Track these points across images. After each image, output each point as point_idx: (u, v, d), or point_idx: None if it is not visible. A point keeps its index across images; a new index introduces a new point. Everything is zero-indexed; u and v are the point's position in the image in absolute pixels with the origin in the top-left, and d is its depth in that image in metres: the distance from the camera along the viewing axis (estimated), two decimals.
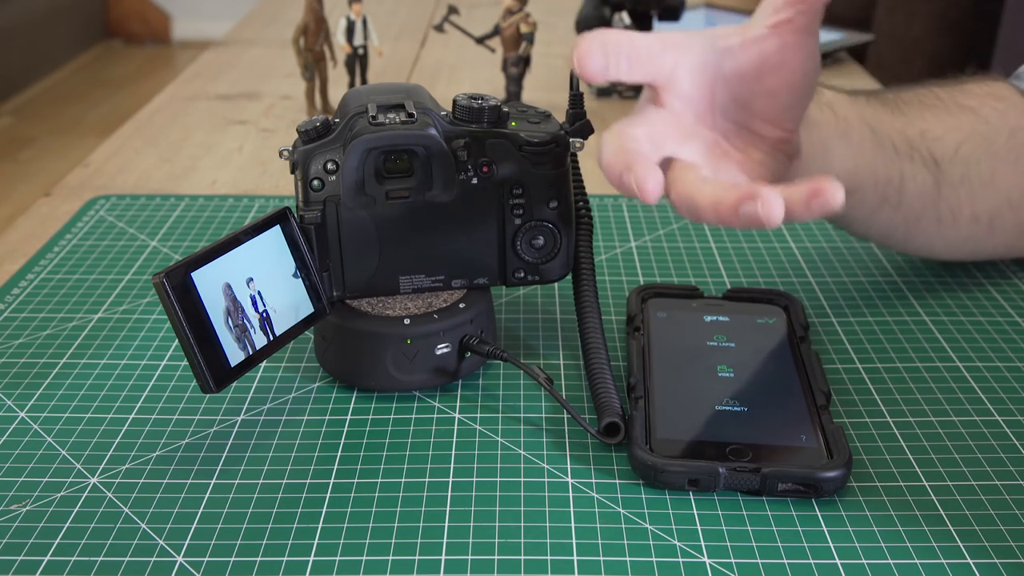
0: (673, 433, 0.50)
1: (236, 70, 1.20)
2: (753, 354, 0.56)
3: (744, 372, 0.55)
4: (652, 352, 0.56)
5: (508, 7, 0.97)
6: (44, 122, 3.18)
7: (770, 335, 0.59)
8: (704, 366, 0.55)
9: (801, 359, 0.56)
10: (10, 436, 0.52)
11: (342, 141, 0.53)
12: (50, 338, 0.61)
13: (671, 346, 0.57)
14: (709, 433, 0.50)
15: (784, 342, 0.58)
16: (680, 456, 0.48)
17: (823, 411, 0.51)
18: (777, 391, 0.54)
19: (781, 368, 0.55)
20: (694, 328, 0.59)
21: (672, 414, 0.51)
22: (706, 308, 0.61)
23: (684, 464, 0.48)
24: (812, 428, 0.50)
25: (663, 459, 0.48)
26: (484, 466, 0.50)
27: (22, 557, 0.44)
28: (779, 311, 0.61)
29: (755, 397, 0.53)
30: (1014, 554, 0.44)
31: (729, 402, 0.52)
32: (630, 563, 0.44)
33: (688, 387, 0.54)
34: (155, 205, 0.80)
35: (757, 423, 0.51)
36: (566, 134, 0.56)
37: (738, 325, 0.59)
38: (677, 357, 0.56)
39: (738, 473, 0.47)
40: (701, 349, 0.57)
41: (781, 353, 0.57)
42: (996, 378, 0.57)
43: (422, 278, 0.56)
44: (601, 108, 1.04)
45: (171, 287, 0.46)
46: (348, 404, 0.55)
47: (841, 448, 0.48)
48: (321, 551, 0.44)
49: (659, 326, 0.59)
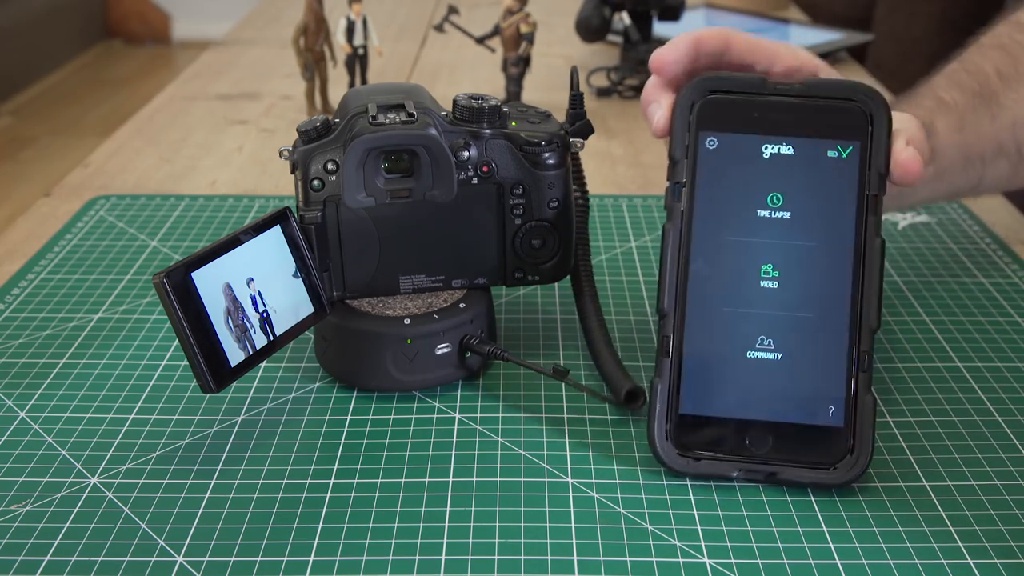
0: (697, 405, 0.48)
1: (236, 70, 1.20)
2: (808, 241, 0.48)
3: (789, 280, 0.48)
4: (694, 243, 0.49)
5: (508, 7, 0.97)
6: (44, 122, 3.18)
7: (837, 193, 0.49)
8: (750, 268, 0.48)
9: (863, 257, 0.48)
10: (10, 436, 0.52)
11: (342, 141, 0.53)
12: (50, 338, 0.61)
13: (716, 225, 0.49)
14: (734, 405, 0.48)
15: (851, 215, 0.48)
16: (698, 445, 0.48)
17: (862, 370, 0.47)
18: (822, 321, 0.48)
19: (835, 276, 0.48)
20: (750, 178, 0.49)
21: (702, 370, 0.48)
22: (770, 120, 0.49)
23: (698, 468, 0.47)
24: (843, 396, 0.47)
25: (677, 459, 0.47)
26: (484, 466, 0.50)
27: (22, 557, 0.44)
28: (857, 131, 0.49)
29: (792, 332, 0.48)
30: (1014, 554, 0.44)
31: (764, 344, 0.48)
32: (630, 563, 0.44)
33: (725, 312, 0.48)
34: (155, 205, 0.80)
35: (786, 385, 0.47)
36: (566, 134, 0.56)
37: (803, 163, 0.49)
38: (721, 250, 0.49)
39: (752, 475, 0.47)
40: (751, 226, 0.49)
41: (842, 243, 0.48)
42: (996, 378, 0.57)
43: (422, 278, 0.56)
44: (601, 108, 1.04)
45: (171, 287, 0.46)
46: (348, 404, 0.55)
47: (865, 440, 0.47)
48: (321, 551, 0.44)
49: (709, 174, 0.49)
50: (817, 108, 0.49)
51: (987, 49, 0.65)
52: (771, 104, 0.49)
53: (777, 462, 0.47)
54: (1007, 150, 0.63)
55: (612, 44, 1.23)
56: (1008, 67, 0.63)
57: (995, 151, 0.62)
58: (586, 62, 1.17)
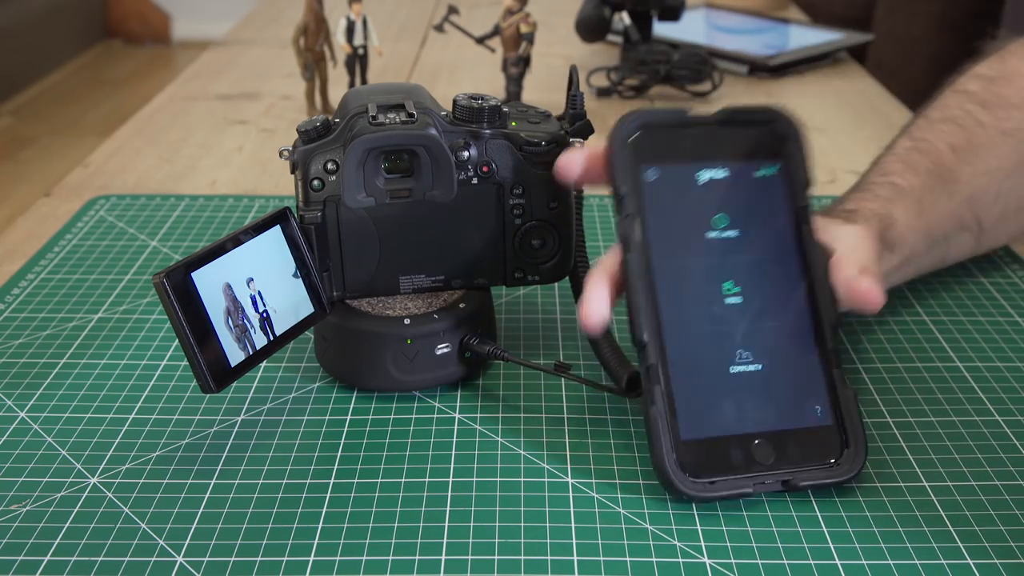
0: (696, 429, 0.48)
1: (236, 70, 1.20)
2: (757, 255, 0.50)
3: (751, 293, 0.50)
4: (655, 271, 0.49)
5: (508, 7, 0.97)
6: (44, 122, 3.17)
7: (772, 208, 0.51)
8: (712, 287, 0.50)
9: (807, 258, 0.50)
10: (10, 436, 0.52)
11: (342, 141, 0.53)
12: (50, 338, 0.61)
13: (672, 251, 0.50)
14: (731, 422, 0.48)
15: (789, 226, 0.51)
16: (707, 467, 0.47)
17: (835, 367, 0.49)
18: (787, 327, 0.50)
19: (788, 282, 0.50)
20: (693, 202, 0.51)
21: (692, 393, 0.48)
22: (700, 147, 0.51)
23: (715, 491, 0.47)
24: (824, 395, 0.49)
25: (693, 485, 0.47)
26: (484, 466, 0.50)
27: (22, 557, 0.44)
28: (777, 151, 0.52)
29: (766, 342, 0.49)
30: (1014, 554, 0.44)
31: (743, 357, 0.49)
32: (630, 563, 0.44)
33: (701, 333, 0.49)
34: (155, 205, 0.80)
35: (772, 393, 0.49)
36: (566, 134, 0.56)
37: (737, 184, 0.51)
38: (683, 274, 0.50)
39: (768, 487, 0.47)
40: (704, 247, 0.50)
41: (787, 252, 0.51)
42: (996, 378, 0.57)
43: (422, 278, 0.56)
44: (601, 108, 1.04)
45: (171, 287, 0.46)
46: (348, 404, 0.55)
47: (856, 432, 0.48)
48: (321, 551, 0.44)
49: (655, 204, 0.50)
50: (739, 133, 0.52)
51: (937, 123, 0.65)
52: (699, 133, 0.52)
53: (786, 469, 0.48)
54: (968, 224, 0.64)
55: (612, 44, 1.23)
56: (961, 140, 0.64)
57: (956, 227, 0.63)
58: (586, 62, 1.17)
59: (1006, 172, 0.64)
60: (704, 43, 1.19)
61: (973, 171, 0.63)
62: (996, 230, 0.66)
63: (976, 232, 0.65)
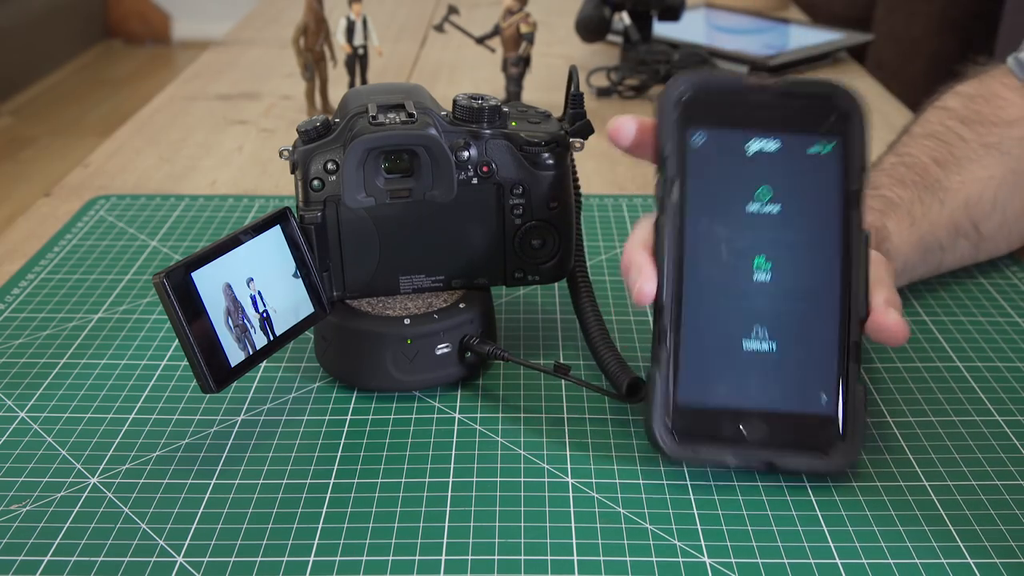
0: (695, 396, 0.48)
1: (236, 70, 1.20)
2: (796, 235, 0.49)
3: (781, 272, 0.49)
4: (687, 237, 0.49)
5: (508, 7, 0.97)
6: (44, 122, 3.17)
7: (822, 187, 0.49)
8: (742, 261, 0.49)
9: (850, 249, 0.49)
10: (10, 436, 0.52)
11: (342, 141, 0.53)
12: (50, 338, 0.61)
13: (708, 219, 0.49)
14: (732, 396, 0.48)
15: (836, 208, 0.49)
16: (696, 434, 0.48)
17: (852, 360, 0.48)
18: (812, 312, 0.49)
19: (824, 267, 0.49)
20: (738, 172, 0.49)
21: (699, 361, 0.48)
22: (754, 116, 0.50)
23: (695, 456, 0.48)
24: (834, 385, 0.48)
25: (675, 447, 0.48)
26: (484, 466, 0.50)
27: (22, 557, 0.44)
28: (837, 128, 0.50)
29: (786, 323, 0.49)
30: (1014, 554, 0.44)
31: (759, 334, 0.48)
32: (630, 563, 0.44)
33: (721, 305, 0.49)
34: (155, 205, 0.80)
35: (780, 375, 0.48)
36: (566, 134, 0.56)
37: (788, 158, 0.49)
38: (714, 244, 0.49)
39: (749, 462, 0.48)
40: (742, 219, 0.49)
41: (829, 236, 0.49)
42: (996, 378, 0.57)
43: (422, 278, 0.56)
44: (601, 108, 1.04)
45: (171, 287, 0.46)
46: (348, 404, 0.55)
47: (856, 429, 0.48)
48: (321, 551, 0.44)
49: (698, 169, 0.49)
50: (798, 105, 0.50)
51: (920, 139, 0.66)
52: (755, 101, 0.50)
53: (773, 450, 0.48)
54: (965, 231, 0.64)
55: (612, 44, 1.23)
56: (943, 154, 0.64)
57: (952, 234, 0.64)
58: (586, 62, 1.17)
59: (998, 180, 0.64)
60: (704, 43, 1.19)
61: (963, 179, 0.64)
62: (996, 238, 0.66)
63: (975, 239, 0.65)
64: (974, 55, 0.76)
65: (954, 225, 0.63)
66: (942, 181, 0.63)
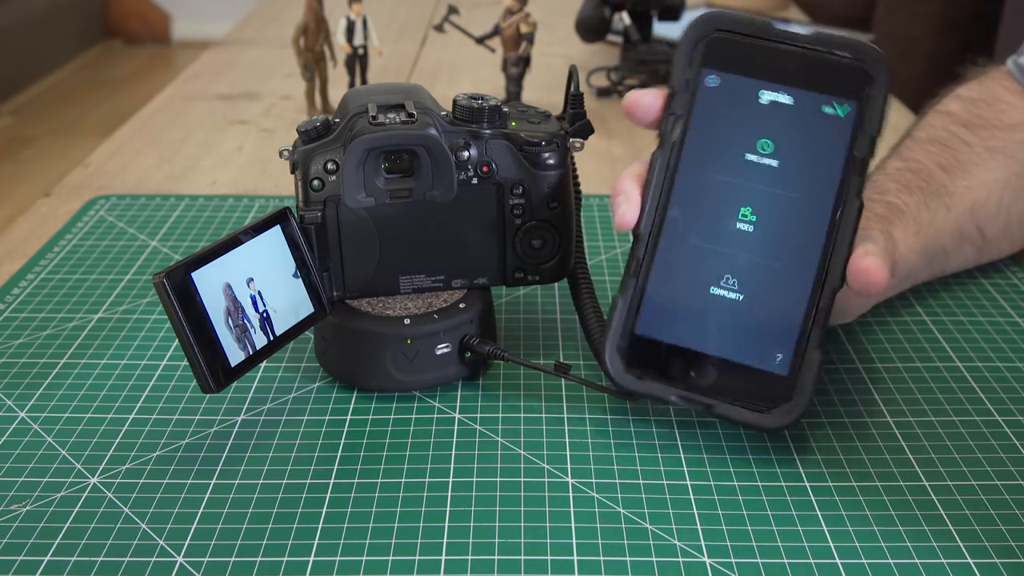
0: (653, 328, 0.49)
1: (236, 70, 1.20)
2: (788, 191, 0.48)
3: (764, 226, 0.48)
4: (678, 175, 0.49)
5: (508, 7, 0.97)
6: (44, 122, 3.17)
7: (827, 149, 0.48)
8: (727, 208, 0.49)
9: (841, 216, 0.48)
10: (10, 436, 0.52)
11: (342, 141, 0.53)
12: (50, 338, 0.61)
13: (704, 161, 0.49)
14: (688, 336, 0.49)
15: (836, 172, 0.48)
16: (646, 366, 0.49)
17: (816, 326, 0.48)
18: (786, 272, 0.48)
19: (810, 230, 0.48)
20: (745, 120, 0.49)
21: (664, 296, 0.49)
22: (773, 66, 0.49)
23: (639, 387, 0.49)
24: (793, 347, 0.48)
25: (623, 374, 0.49)
26: (484, 466, 0.50)
27: (22, 557, 0.44)
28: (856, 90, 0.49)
29: (758, 277, 0.48)
30: (1014, 554, 0.44)
31: (728, 283, 0.48)
32: (630, 563, 0.44)
33: (696, 247, 0.49)
34: (155, 205, 0.80)
35: (741, 326, 0.49)
36: (566, 134, 0.56)
37: (799, 114, 0.49)
38: (704, 186, 0.49)
39: (690, 403, 0.49)
40: (738, 167, 0.49)
41: (822, 199, 0.48)
42: (996, 378, 0.57)
43: (422, 278, 0.56)
44: (601, 108, 1.04)
45: (171, 287, 0.46)
46: (348, 404, 0.55)
47: (804, 392, 0.48)
48: (321, 551, 0.44)
49: (705, 110, 0.49)
50: (820, 62, 0.49)
51: (923, 143, 0.66)
52: (776, 51, 0.49)
53: (716, 396, 0.48)
54: (970, 236, 0.64)
55: (612, 44, 1.23)
56: (948, 159, 0.64)
57: (957, 239, 0.64)
58: (586, 62, 1.17)
59: (1003, 183, 0.64)
60: None
61: (968, 184, 0.64)
62: (999, 242, 0.67)
63: (979, 244, 0.65)
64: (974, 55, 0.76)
65: (959, 230, 0.63)
66: (948, 186, 0.63)
